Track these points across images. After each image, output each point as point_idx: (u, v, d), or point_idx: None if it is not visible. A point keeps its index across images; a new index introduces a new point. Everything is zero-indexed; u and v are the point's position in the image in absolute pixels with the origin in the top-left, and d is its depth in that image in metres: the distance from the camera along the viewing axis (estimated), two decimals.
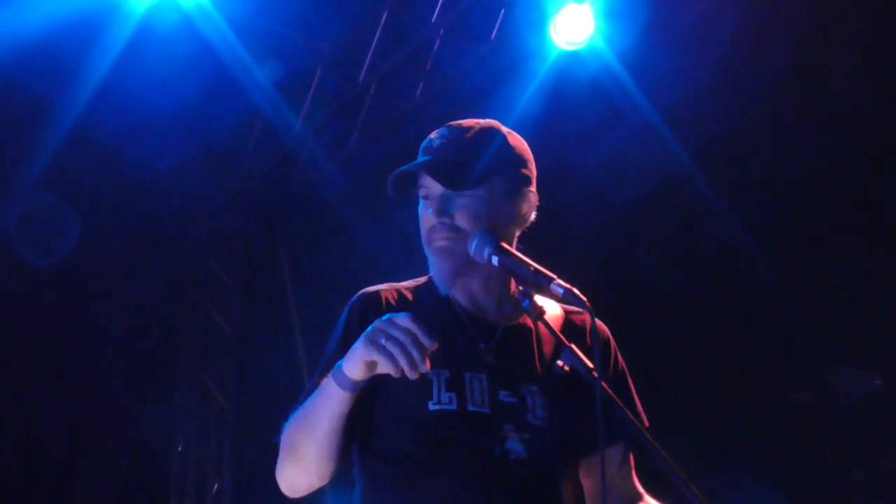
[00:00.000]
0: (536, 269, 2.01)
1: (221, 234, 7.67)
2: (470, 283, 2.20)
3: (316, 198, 7.17)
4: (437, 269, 2.18)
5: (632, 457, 2.31)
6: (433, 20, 6.01)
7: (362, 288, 2.30)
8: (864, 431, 6.41)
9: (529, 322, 2.22)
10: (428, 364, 1.88)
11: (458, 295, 2.22)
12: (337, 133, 6.84)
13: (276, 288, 7.55)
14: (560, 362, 1.99)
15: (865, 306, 6.18)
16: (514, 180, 2.20)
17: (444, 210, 2.15)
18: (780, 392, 6.71)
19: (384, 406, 2.11)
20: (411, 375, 1.88)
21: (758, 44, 5.79)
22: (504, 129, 2.25)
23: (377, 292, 2.25)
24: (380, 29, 6.19)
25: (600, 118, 6.13)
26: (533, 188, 2.25)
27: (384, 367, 1.91)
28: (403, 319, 1.90)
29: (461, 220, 2.14)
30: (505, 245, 2.11)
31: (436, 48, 6.17)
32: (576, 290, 1.95)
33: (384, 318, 1.92)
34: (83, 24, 5.48)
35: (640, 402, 2.32)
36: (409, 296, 2.26)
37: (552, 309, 2.27)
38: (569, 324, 2.29)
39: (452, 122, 2.24)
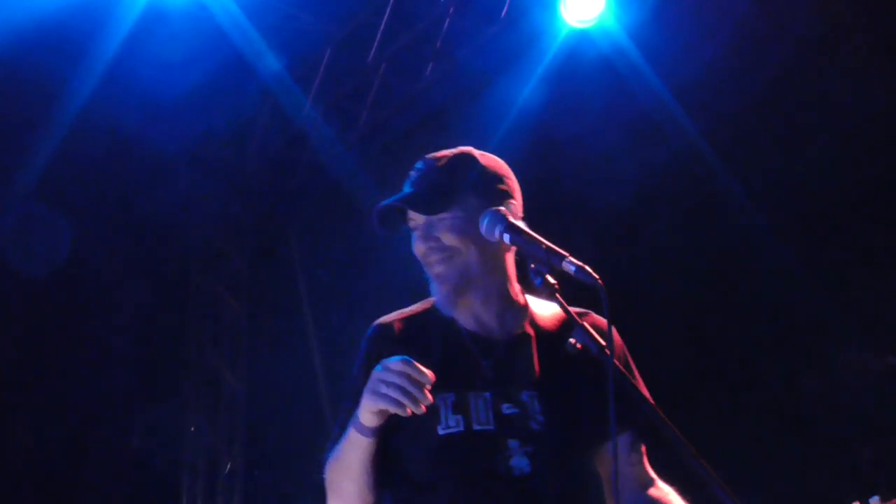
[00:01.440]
0: (549, 247, 2.03)
1: (232, 217, 7.66)
2: (471, 302, 2.31)
3: (326, 179, 7.15)
4: (438, 293, 2.32)
5: (643, 444, 2.33)
6: None
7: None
8: (877, 411, 6.38)
9: (529, 328, 2.32)
10: (429, 395, 2.04)
11: (461, 315, 2.34)
12: (346, 114, 6.82)
13: (286, 270, 7.55)
14: (572, 340, 2.00)
15: (877, 285, 6.15)
16: (491, 195, 2.30)
17: (429, 234, 2.30)
18: (792, 374, 6.69)
19: (400, 435, 2.24)
20: (417, 411, 2.05)
21: (771, 19, 5.74)
22: (476, 153, 2.38)
23: (390, 324, 2.40)
24: (389, 9, 6.16)
25: (611, 96, 6.10)
26: (514, 201, 2.33)
27: (393, 411, 2.08)
28: (396, 364, 2.06)
29: (447, 239, 2.28)
30: (516, 222, 2.13)
31: (445, 28, 6.13)
32: (588, 268, 1.96)
33: (378, 367, 2.09)
34: (91, 5, 5.47)
35: (652, 386, 2.30)
36: (416, 324, 2.39)
37: (550, 309, 2.35)
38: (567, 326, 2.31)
39: (428, 155, 2.39)
